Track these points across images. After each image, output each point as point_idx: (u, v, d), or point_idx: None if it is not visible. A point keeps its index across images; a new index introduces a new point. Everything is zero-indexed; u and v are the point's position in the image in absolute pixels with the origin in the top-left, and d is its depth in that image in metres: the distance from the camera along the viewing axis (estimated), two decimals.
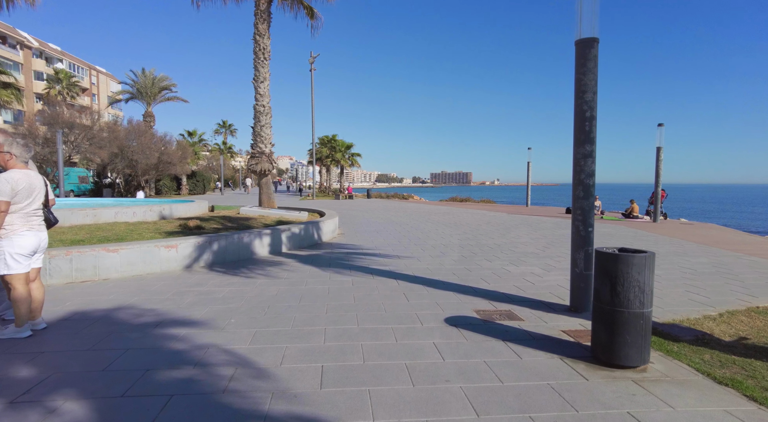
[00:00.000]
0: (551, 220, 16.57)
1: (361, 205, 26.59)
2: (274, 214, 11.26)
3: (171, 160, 28.94)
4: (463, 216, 17.91)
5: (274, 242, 8.15)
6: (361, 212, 20.26)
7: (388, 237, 10.84)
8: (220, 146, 70.14)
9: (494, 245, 9.70)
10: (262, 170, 13.33)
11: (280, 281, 5.93)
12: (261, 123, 13.23)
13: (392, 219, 16.19)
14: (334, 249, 8.77)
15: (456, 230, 12.53)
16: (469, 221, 15.58)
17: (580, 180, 4.68)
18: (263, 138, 13.30)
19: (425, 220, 15.95)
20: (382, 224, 14.37)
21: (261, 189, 13.72)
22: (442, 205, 28.18)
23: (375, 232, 11.93)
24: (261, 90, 13.11)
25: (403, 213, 19.48)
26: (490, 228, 13.23)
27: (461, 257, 7.97)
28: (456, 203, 33.05)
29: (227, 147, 70.59)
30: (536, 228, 13.47)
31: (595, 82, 4.59)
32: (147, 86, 35.84)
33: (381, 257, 7.98)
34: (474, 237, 11.04)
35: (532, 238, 11.01)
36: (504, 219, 16.61)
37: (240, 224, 9.43)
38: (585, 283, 4.66)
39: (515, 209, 23.64)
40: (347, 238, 10.53)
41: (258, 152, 13.38)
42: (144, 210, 10.05)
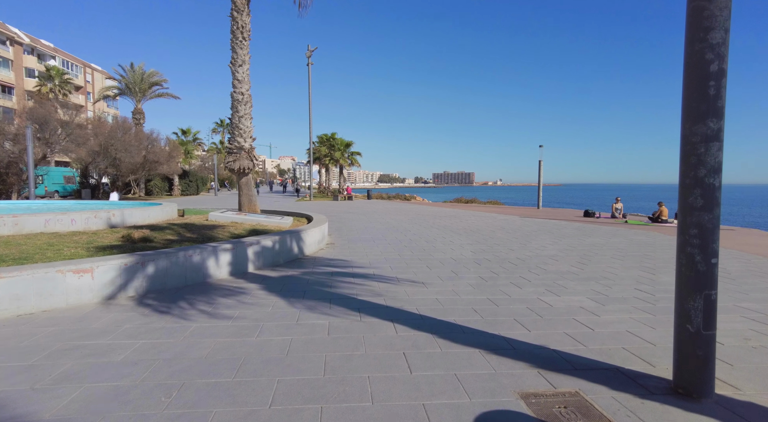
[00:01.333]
0: (571, 225, 14.68)
1: (360, 207, 24.75)
2: (249, 221, 9.43)
3: (158, 159, 27.13)
4: (472, 220, 16.04)
5: (237, 259, 6.31)
6: (359, 215, 18.42)
7: (387, 248, 8.99)
8: (217, 145, 68.43)
9: (516, 259, 7.83)
10: (241, 169, 11.50)
11: (223, 326, 4.09)
12: (239, 114, 11.39)
13: (392, 224, 14.34)
14: (317, 267, 6.91)
15: (467, 239, 10.67)
16: (480, 226, 13.72)
17: (698, 179, 2.80)
18: (242, 131, 11.46)
19: (430, 225, 14.10)
20: (380, 230, 12.52)
21: (240, 191, 11.89)
22: (447, 207, 26.31)
23: (371, 241, 10.08)
24: (239, 75, 11.28)
25: (405, 216, 17.63)
26: (505, 235, 11.37)
27: (480, 281, 6.10)
28: (461, 204, 31.16)
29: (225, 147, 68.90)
30: (559, 235, 11.60)
31: (728, 13, 2.72)
32: (136, 82, 34.08)
33: (375, 279, 6.13)
34: (490, 248, 9.18)
35: (559, 249, 9.14)
36: (518, 224, 14.74)
37: (202, 235, 7.60)
38: (704, 350, 2.79)
39: (526, 212, 21.75)
40: (337, 250, 8.68)
41: (236, 148, 11.55)
42: (86, 217, 8.22)
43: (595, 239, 10.96)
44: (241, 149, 11.51)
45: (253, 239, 6.65)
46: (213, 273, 5.98)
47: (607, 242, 10.53)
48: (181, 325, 4.11)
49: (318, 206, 25.75)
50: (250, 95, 11.53)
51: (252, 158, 11.59)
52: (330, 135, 43.35)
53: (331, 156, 40.77)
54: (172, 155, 28.22)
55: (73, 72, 61.72)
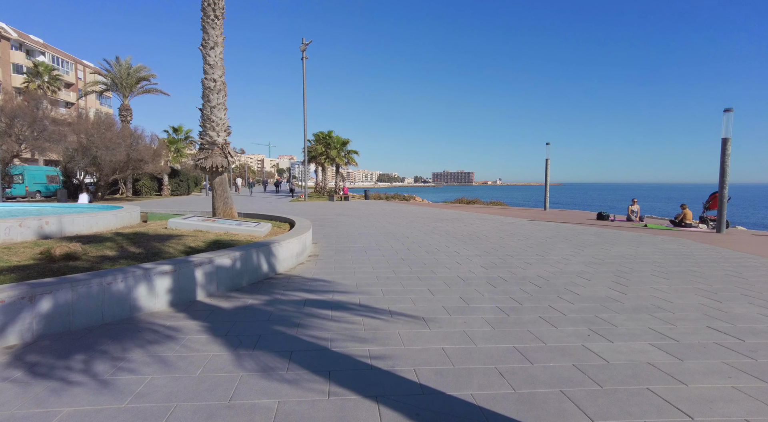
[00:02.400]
0: (587, 230, 13.21)
1: (356, 208, 23.26)
2: (216, 229, 7.95)
3: (142, 157, 25.58)
4: (477, 224, 14.57)
5: (180, 284, 4.83)
6: (353, 218, 16.93)
7: (380, 262, 7.51)
8: None
9: (538, 278, 6.36)
10: (214, 167, 10.01)
11: (109, 412, 2.60)
12: (211, 104, 9.89)
13: (389, 229, 12.86)
14: (288, 293, 5.43)
15: (473, 248, 9.19)
16: (486, 232, 12.24)
17: None
18: (214, 124, 9.97)
19: (431, 230, 12.62)
20: (375, 237, 11.04)
21: (214, 192, 10.39)
22: (448, 208, 24.81)
23: (363, 252, 8.60)
24: (211, 59, 9.78)
25: (403, 219, 16.15)
26: (517, 244, 9.89)
27: (499, 314, 4.63)
28: (463, 205, 29.68)
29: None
30: (578, 244, 10.13)
31: None
32: (122, 77, 32.53)
33: (361, 312, 4.65)
34: (502, 261, 7.71)
35: (585, 262, 7.67)
36: (528, 229, 13.26)
37: (149, 249, 6.11)
38: None
39: (534, 214, 20.28)
40: (319, 265, 7.20)
41: (207, 143, 10.05)
42: (7, 226, 6.66)
43: (621, 249, 9.49)
44: (213, 145, 10.01)
45: (204, 258, 5.16)
46: (144, 305, 4.49)
47: (636, 252, 9.06)
48: (45, 409, 2.63)
49: (311, 207, 24.26)
50: (223, 82, 10.03)
51: (226, 154, 10.09)
52: (327, 133, 41.82)
53: (326, 155, 39.19)
54: (158, 153, 26.67)
55: (64, 68, 60.14)
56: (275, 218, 11.56)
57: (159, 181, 37.35)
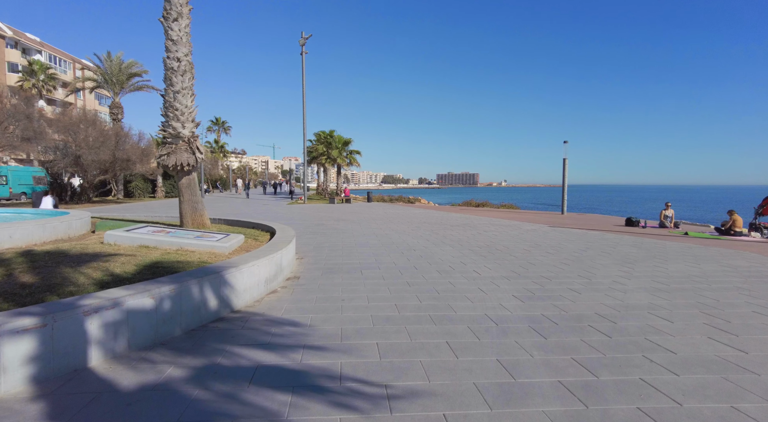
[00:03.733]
0: (622, 239, 11.32)
1: (357, 212, 21.44)
2: (167, 243, 6.15)
3: (129, 157, 23.91)
4: (492, 231, 12.71)
5: (55, 346, 3.03)
6: (352, 223, 15.11)
7: (378, 291, 5.68)
8: (212, 144, 65.57)
9: (601, 319, 4.51)
10: (178, 165, 8.22)
11: None
12: (174, 88, 8.11)
13: (392, 238, 11.04)
14: (234, 351, 3.61)
15: (498, 266, 7.35)
16: (507, 242, 10.38)
17: None
18: (178, 113, 8.18)
19: (441, 239, 10.78)
20: (374, 249, 9.22)
21: (181, 196, 8.61)
22: (456, 211, 22.91)
23: (357, 272, 6.78)
24: (174, 33, 8.00)
25: (408, 225, 14.31)
26: (550, 260, 8.03)
27: (575, 410, 2.79)
28: (472, 208, 27.79)
29: (220, 146, 65.93)
30: (622, 259, 8.26)
31: None
32: (113, 73, 30.96)
33: (339, 398, 2.83)
34: (541, 289, 5.86)
35: (648, 289, 5.81)
36: (554, 238, 11.39)
37: (48, 279, 4.32)
38: None
39: (552, 219, 18.38)
40: (295, 296, 5.38)
41: (171, 136, 8.26)
42: None
43: (680, 267, 7.62)
44: (177, 138, 8.22)
45: (107, 299, 3.37)
46: None
47: (702, 272, 7.18)
48: None
49: (309, 210, 22.48)
50: (190, 63, 8.25)
51: (194, 149, 8.31)
52: (328, 132, 39.99)
53: (327, 155, 37.33)
54: (147, 153, 24.99)
55: (62, 67, 58.80)
56: (257, 226, 9.78)
57: (153, 182, 35.77)
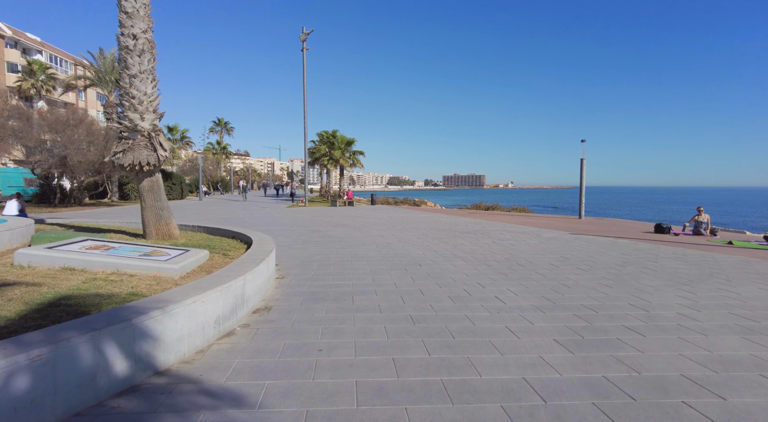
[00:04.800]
0: (659, 250, 9.77)
1: (359, 216, 19.98)
2: (100, 264, 4.72)
3: None
4: (509, 240, 11.20)
5: None
6: (352, 230, 13.67)
7: (372, 334, 4.23)
8: (214, 145, 64.50)
9: (688, 384, 3.01)
10: (136, 164, 6.81)
11: None
12: (130, 71, 6.71)
13: (396, 248, 9.58)
14: None
15: (525, 290, 5.86)
16: (530, 255, 8.88)
17: None
18: (136, 101, 6.78)
19: (452, 250, 9.31)
20: (373, 265, 7.77)
21: (143, 202, 7.21)
22: (465, 215, 21.37)
23: (347, 302, 5.34)
24: (128, 5, 6.59)
25: (414, 233, 12.84)
26: (587, 280, 6.52)
27: None
28: (481, 212, 26.24)
29: (222, 147, 64.82)
30: (673, 278, 6.73)
31: None
32: (107, 70, 29.79)
33: None
34: (589, 328, 4.36)
35: (732, 328, 4.30)
36: (582, 248, 9.85)
37: None
38: None
39: (571, 224, 16.82)
40: (256, 344, 3.95)
41: (127, 129, 6.86)
42: None
43: (754, 290, 6.09)
44: (135, 132, 6.82)
45: None
46: None
47: None
48: None
49: (307, 214, 21.07)
50: (150, 41, 6.85)
51: (156, 145, 6.90)
52: (331, 132, 38.60)
53: (330, 155, 35.92)
54: None
55: (62, 68, 57.99)
56: (237, 236, 8.38)
57: None
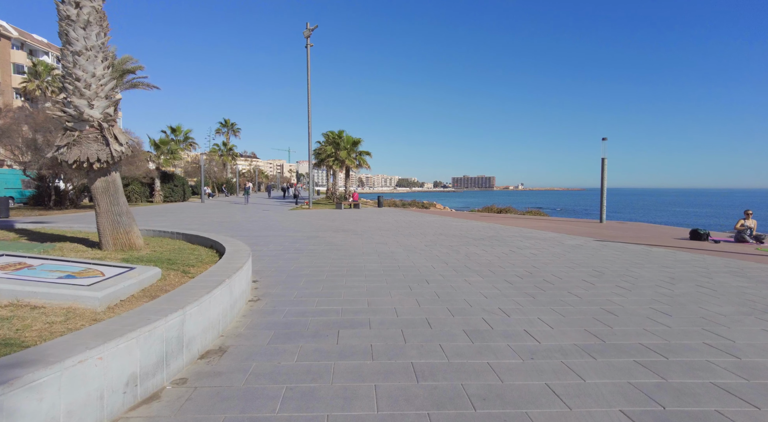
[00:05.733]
0: (703, 260, 8.35)
1: (364, 219, 18.73)
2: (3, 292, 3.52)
3: None
4: (528, 248, 9.84)
5: None
6: (353, 236, 12.42)
7: (353, 407, 2.98)
8: (220, 146, 63.83)
9: None
10: (84, 161, 5.65)
11: None
12: (74, 47, 5.57)
13: (400, 259, 8.30)
14: None
15: (563, 321, 4.53)
16: (554, 267, 7.53)
17: None
18: (82, 84, 5.63)
19: (464, 261, 8.00)
20: (372, 282, 6.50)
21: (97, 206, 6.06)
22: (477, 218, 19.98)
23: (332, 335, 4.08)
24: None
25: (422, 238, 11.55)
26: (633, 303, 5.16)
27: None
28: (494, 215, 24.84)
29: (228, 148, 64.14)
30: (742, 302, 5.34)
31: None
32: None
33: None
34: (664, 384, 3.00)
35: None
36: (613, 258, 8.47)
37: None
38: None
39: (592, 228, 15.39)
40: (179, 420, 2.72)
41: (72, 118, 5.70)
42: None
43: None
44: (82, 122, 5.66)
45: None
46: None
47: None
48: None
49: (309, 217, 19.88)
50: (98, 11, 5.70)
51: (109, 138, 5.73)
52: (337, 133, 37.49)
53: (335, 156, 34.77)
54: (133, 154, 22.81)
55: None
56: (215, 245, 7.20)
57: (151, 186, 33.75)
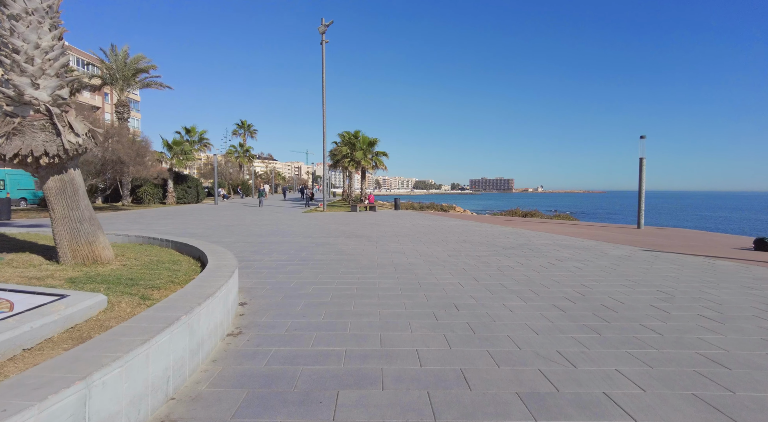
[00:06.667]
0: None
1: (379, 223, 17.45)
2: None
3: (121, 158, 21.03)
4: (569, 260, 8.37)
5: None
6: (367, 243, 11.14)
7: None
8: (237, 148, 63.56)
9: None
10: (29, 155, 4.51)
11: None
12: (11, 9, 4.43)
13: (420, 275, 6.97)
14: None
15: (657, 380, 3.10)
16: (613, 288, 6.08)
17: None
18: (22, 57, 4.50)
19: (498, 279, 6.62)
20: (383, 310, 5.18)
21: (51, 212, 4.93)
22: (501, 223, 18.45)
23: (325, 407, 2.79)
24: None
25: (445, 247, 10.20)
26: (737, 344, 3.70)
27: None
28: (519, 219, 23.27)
29: (245, 150, 63.81)
30: None
31: None
32: (119, 68, 28.54)
33: None
34: None
35: None
36: (676, 276, 6.94)
37: None
38: None
39: (631, 235, 13.76)
40: None
41: (13, 101, 4.57)
42: None
43: None
44: (24, 105, 4.54)
45: None
46: None
47: None
48: None
49: (321, 221, 18.72)
50: None
51: (60, 126, 4.59)
52: (353, 133, 36.36)
53: (351, 157, 33.61)
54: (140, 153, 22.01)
55: (89, 72, 58.38)
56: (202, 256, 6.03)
57: (164, 187, 33.21)
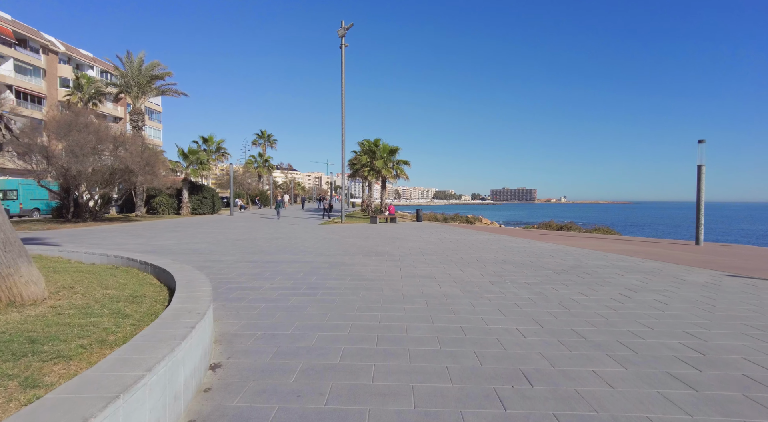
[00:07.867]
0: None
1: (401, 238, 15.72)
2: None
3: (130, 167, 20.02)
4: (649, 293, 6.46)
5: None
6: (389, 264, 9.44)
7: None
8: (256, 158, 63.06)
9: None
10: None
11: None
12: None
13: (461, 313, 5.22)
14: None
15: None
16: (727, 340, 4.16)
17: None
18: None
19: (570, 327, 4.81)
20: (415, 379, 3.44)
21: None
22: (538, 237, 16.43)
23: None
24: None
25: (482, 270, 8.40)
26: None
27: None
28: (554, 232, 21.21)
29: (264, 160, 63.25)
30: None
31: None
32: (134, 75, 27.93)
33: None
34: None
35: None
36: None
37: None
38: None
39: (694, 254, 11.64)
40: None
41: None
42: None
43: None
44: None
45: None
46: None
47: None
48: None
49: (339, 234, 17.12)
50: None
51: None
52: (373, 141, 34.91)
53: (371, 166, 32.09)
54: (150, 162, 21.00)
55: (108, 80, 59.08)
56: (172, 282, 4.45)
57: (179, 198, 32.34)
